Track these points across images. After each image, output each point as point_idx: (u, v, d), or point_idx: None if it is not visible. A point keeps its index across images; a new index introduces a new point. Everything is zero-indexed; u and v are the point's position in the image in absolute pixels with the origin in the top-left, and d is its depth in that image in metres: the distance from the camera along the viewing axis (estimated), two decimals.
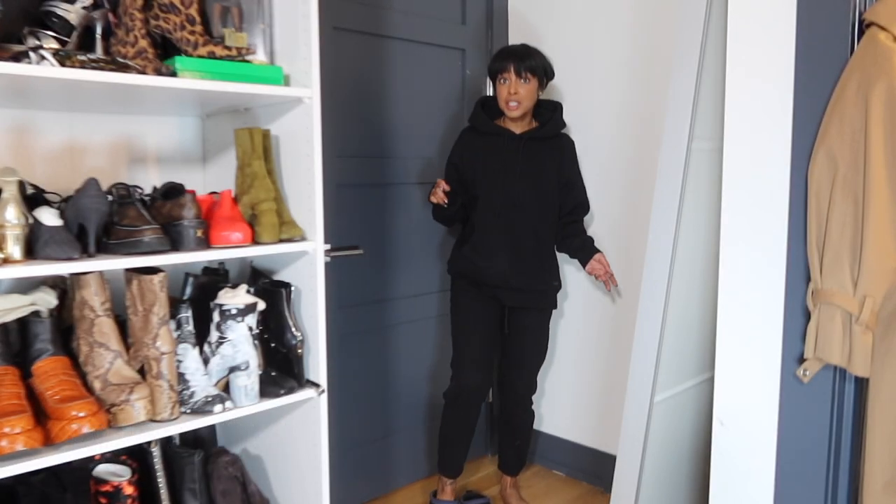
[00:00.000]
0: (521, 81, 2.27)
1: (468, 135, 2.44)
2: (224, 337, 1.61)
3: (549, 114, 2.41)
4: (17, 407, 1.33)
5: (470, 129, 2.45)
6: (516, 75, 2.26)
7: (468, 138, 2.43)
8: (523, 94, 2.28)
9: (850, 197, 1.43)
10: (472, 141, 2.42)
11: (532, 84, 2.29)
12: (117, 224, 1.47)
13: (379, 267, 2.58)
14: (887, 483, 1.41)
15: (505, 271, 2.33)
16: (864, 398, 1.51)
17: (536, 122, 2.41)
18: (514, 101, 2.29)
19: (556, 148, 2.40)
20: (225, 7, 1.62)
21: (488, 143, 2.37)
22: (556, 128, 2.39)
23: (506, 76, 2.28)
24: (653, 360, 1.94)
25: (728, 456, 1.71)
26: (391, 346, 2.65)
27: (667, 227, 1.91)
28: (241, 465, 1.79)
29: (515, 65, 2.26)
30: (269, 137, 1.72)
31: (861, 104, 1.40)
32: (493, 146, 2.36)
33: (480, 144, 2.39)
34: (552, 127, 2.38)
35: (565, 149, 2.43)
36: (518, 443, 2.54)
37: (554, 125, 2.38)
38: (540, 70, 2.30)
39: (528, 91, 2.29)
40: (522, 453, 2.57)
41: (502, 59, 2.29)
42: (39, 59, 1.31)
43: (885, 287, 1.41)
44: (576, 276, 2.75)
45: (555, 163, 2.38)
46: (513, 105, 2.29)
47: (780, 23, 1.56)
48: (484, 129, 2.39)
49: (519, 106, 2.30)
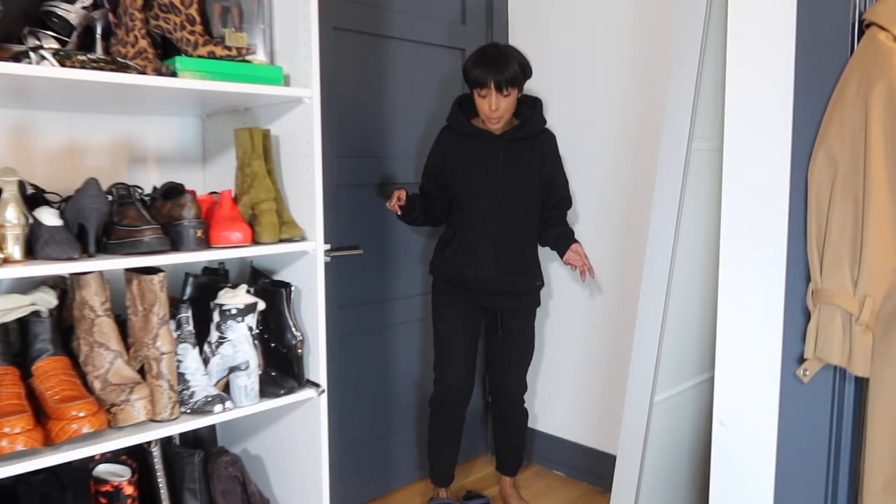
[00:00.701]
0: (502, 96, 2.18)
1: (447, 134, 2.36)
2: (224, 337, 1.61)
3: (528, 111, 2.31)
4: (17, 407, 1.33)
5: (448, 128, 2.36)
6: (497, 90, 2.16)
7: (448, 138, 2.35)
8: (505, 108, 2.21)
9: (850, 197, 1.43)
10: (451, 141, 2.34)
11: (513, 95, 2.20)
12: (117, 224, 1.47)
13: (379, 267, 2.58)
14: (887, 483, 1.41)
15: (489, 276, 2.29)
16: (864, 398, 1.51)
17: (516, 119, 2.33)
18: (493, 118, 2.22)
19: (537, 145, 2.31)
20: (225, 7, 1.62)
21: (468, 144, 2.30)
22: (537, 126, 2.31)
23: (485, 92, 2.17)
24: (653, 360, 1.94)
25: (728, 456, 1.71)
26: (391, 346, 2.65)
27: (667, 227, 1.91)
28: (241, 465, 1.79)
29: (496, 79, 2.14)
30: (269, 137, 1.72)
31: (861, 104, 1.40)
32: (473, 148, 2.29)
33: (460, 145, 2.32)
34: (533, 125, 2.30)
35: (546, 144, 2.34)
36: (514, 443, 2.53)
37: (535, 123, 2.30)
38: (520, 78, 2.20)
39: (509, 103, 2.21)
40: (519, 453, 2.56)
41: (480, 72, 2.15)
42: (39, 59, 1.31)
43: (885, 287, 1.41)
44: (576, 276, 2.74)
45: (537, 161, 2.31)
46: (493, 120, 2.23)
47: (781, 23, 1.56)
48: (462, 130, 2.31)
49: (500, 120, 2.23)
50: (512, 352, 2.41)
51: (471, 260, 2.29)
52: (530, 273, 2.36)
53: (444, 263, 2.35)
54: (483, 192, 2.27)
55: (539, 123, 2.33)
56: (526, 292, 2.37)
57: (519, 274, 2.33)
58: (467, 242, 2.30)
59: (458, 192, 2.32)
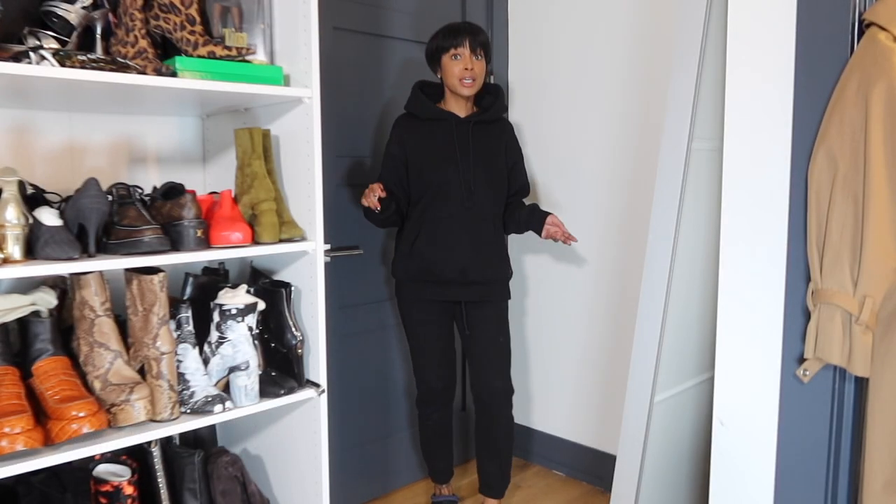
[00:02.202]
0: (475, 58, 2.19)
1: (406, 121, 2.28)
2: (224, 337, 1.61)
3: (490, 98, 2.31)
4: (17, 407, 1.33)
5: (408, 115, 2.30)
6: (471, 51, 2.17)
7: (407, 125, 2.27)
8: (477, 72, 2.20)
9: (850, 197, 1.43)
10: (412, 128, 2.26)
11: (483, 61, 2.21)
12: (117, 224, 1.47)
13: (379, 267, 2.58)
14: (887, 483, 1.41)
15: (463, 264, 2.21)
16: (864, 398, 1.51)
17: (476, 106, 2.32)
18: (468, 79, 2.19)
19: (500, 131, 2.31)
20: (225, 7, 1.62)
21: (433, 128, 2.24)
22: (500, 111, 2.31)
23: (459, 52, 2.17)
24: (653, 360, 1.94)
25: (728, 456, 1.71)
26: (391, 346, 2.65)
27: (667, 227, 1.91)
28: (241, 465, 1.79)
29: (471, 40, 2.17)
30: (269, 137, 1.72)
31: (861, 104, 1.40)
32: (438, 132, 2.24)
33: (424, 131, 2.25)
34: (497, 110, 2.29)
35: (507, 132, 2.34)
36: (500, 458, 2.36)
37: (498, 108, 2.30)
38: (489, 48, 2.23)
39: (481, 68, 2.21)
40: (506, 471, 2.39)
41: (454, 36, 2.18)
42: (39, 59, 1.31)
43: (885, 287, 1.41)
44: (576, 276, 2.75)
45: (502, 146, 2.30)
46: (467, 82, 2.19)
47: (781, 23, 1.56)
48: (427, 115, 2.25)
49: (473, 83, 2.20)
50: (490, 346, 2.30)
51: (444, 248, 2.21)
52: (503, 261, 2.31)
53: (414, 259, 2.23)
54: (455, 174, 2.21)
55: (502, 108, 2.32)
56: (497, 281, 2.30)
57: (493, 261, 2.27)
58: (440, 230, 2.22)
59: (426, 180, 2.23)
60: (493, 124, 2.30)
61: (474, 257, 2.22)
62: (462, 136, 2.24)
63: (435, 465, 2.50)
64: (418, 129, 2.26)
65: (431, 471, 2.53)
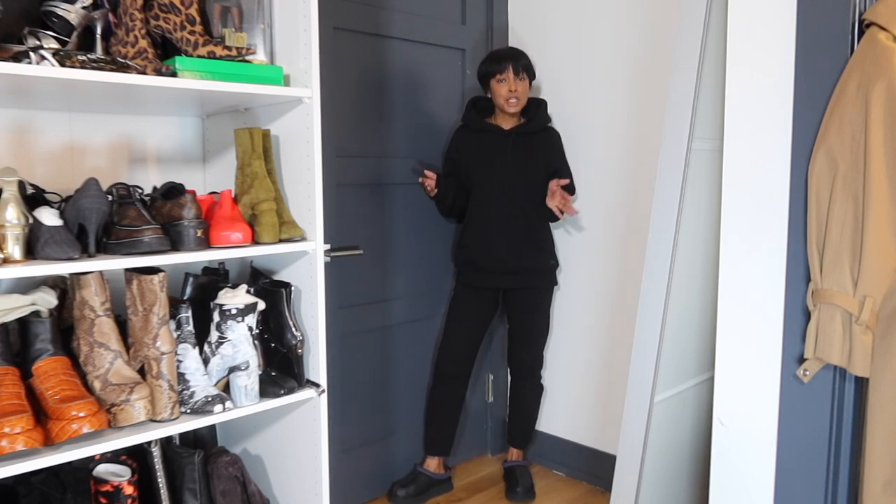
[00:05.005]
0: (518, 80, 2.49)
1: (462, 132, 2.63)
2: (224, 337, 1.61)
3: (534, 110, 2.59)
4: (17, 407, 1.33)
5: (463, 127, 2.63)
6: (514, 74, 2.48)
7: (462, 136, 2.62)
8: (521, 91, 2.50)
9: (850, 197, 1.43)
10: (465, 138, 2.60)
11: (526, 82, 2.52)
12: (117, 224, 1.47)
13: (379, 267, 2.58)
14: (887, 483, 1.41)
15: (502, 253, 2.51)
16: (864, 398, 1.51)
17: (523, 118, 2.60)
18: (513, 98, 2.49)
19: (543, 140, 2.58)
20: (225, 7, 1.62)
21: (481, 139, 2.57)
22: (542, 122, 2.58)
23: (504, 76, 2.48)
24: (653, 360, 1.94)
25: (728, 456, 1.71)
26: (391, 346, 2.65)
27: (667, 227, 1.91)
28: (241, 465, 1.79)
29: (514, 65, 2.47)
30: (269, 137, 1.72)
31: (861, 104, 1.40)
32: (485, 141, 2.56)
33: (474, 140, 2.58)
34: (538, 122, 2.57)
35: (552, 140, 2.61)
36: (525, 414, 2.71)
37: (540, 120, 2.57)
38: (531, 69, 2.54)
39: (524, 88, 2.51)
40: (528, 426, 2.74)
41: (499, 62, 2.48)
42: (39, 59, 1.31)
43: (885, 287, 1.41)
44: (576, 276, 2.75)
45: (543, 153, 2.56)
46: (513, 102, 2.49)
47: (781, 22, 1.56)
48: (476, 127, 2.58)
49: (518, 102, 2.50)
50: (528, 329, 2.62)
51: (485, 238, 2.53)
52: (541, 251, 2.56)
53: (463, 250, 2.59)
54: (492, 176, 2.53)
55: (544, 120, 2.60)
56: (538, 270, 2.56)
57: (529, 251, 2.53)
58: (483, 226, 2.54)
59: (474, 182, 2.56)
60: (536, 134, 2.58)
61: (512, 249, 2.52)
62: (502, 144, 2.54)
63: (430, 432, 2.63)
64: (470, 138, 2.60)
65: (426, 438, 2.66)
